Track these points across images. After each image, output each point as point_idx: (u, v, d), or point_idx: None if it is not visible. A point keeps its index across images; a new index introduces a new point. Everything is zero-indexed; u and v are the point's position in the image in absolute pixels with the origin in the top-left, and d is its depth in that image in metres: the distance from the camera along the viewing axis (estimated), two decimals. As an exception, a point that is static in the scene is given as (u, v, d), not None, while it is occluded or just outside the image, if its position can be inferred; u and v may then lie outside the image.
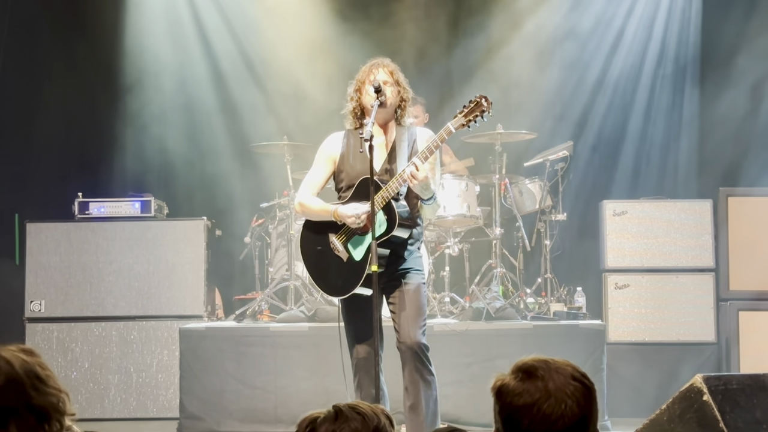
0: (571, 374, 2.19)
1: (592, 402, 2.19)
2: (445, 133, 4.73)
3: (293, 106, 8.33)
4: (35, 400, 2.24)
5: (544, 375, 2.18)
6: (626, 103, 8.40)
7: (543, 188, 7.58)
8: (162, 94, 8.39)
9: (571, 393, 2.16)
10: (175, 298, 7.28)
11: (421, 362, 4.79)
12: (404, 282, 4.87)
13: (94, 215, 7.43)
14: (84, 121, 8.47)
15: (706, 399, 3.61)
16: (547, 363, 2.21)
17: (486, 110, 4.74)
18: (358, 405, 2.17)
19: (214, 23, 8.55)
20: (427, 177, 4.65)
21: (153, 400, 7.16)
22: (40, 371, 2.29)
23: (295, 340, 6.81)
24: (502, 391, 2.21)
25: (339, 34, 8.28)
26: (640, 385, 6.91)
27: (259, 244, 7.89)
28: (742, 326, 7.04)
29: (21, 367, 2.26)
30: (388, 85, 4.88)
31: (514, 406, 2.17)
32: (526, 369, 2.21)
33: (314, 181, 5.04)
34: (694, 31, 8.28)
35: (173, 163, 8.44)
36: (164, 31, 8.47)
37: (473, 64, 8.48)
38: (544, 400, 2.14)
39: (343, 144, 5.01)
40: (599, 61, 8.38)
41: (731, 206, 7.18)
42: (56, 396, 2.29)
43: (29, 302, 7.29)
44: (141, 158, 8.47)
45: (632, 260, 7.28)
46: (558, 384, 2.16)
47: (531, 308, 7.28)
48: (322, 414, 2.17)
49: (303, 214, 5.08)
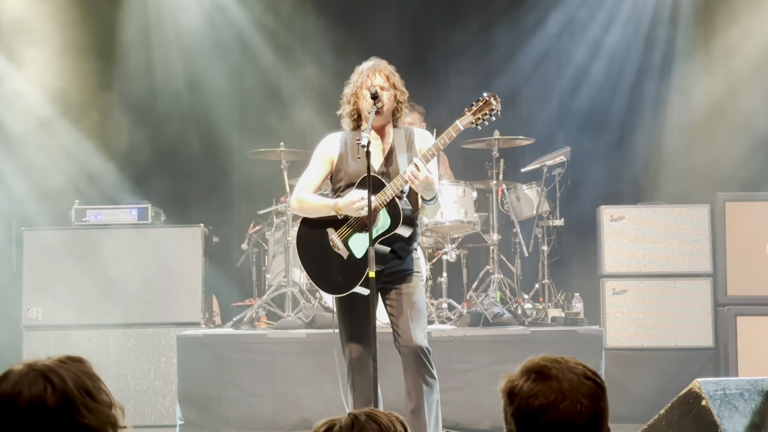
0: (584, 373, 2.18)
1: (605, 400, 2.18)
2: (453, 130, 4.68)
3: (290, 111, 8.33)
4: (87, 419, 2.06)
5: (558, 375, 2.16)
6: (623, 108, 8.40)
7: (540, 194, 7.59)
8: (159, 101, 8.39)
9: (585, 392, 2.14)
10: (172, 306, 7.26)
11: (424, 366, 4.77)
12: (403, 284, 4.84)
13: (92, 222, 7.42)
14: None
15: (705, 404, 3.61)
16: (559, 362, 2.19)
17: (495, 109, 4.71)
18: (375, 412, 2.16)
19: (211, 30, 8.56)
20: (429, 177, 4.62)
21: (151, 407, 7.14)
22: (91, 384, 2.11)
23: (292, 347, 6.80)
24: (516, 392, 2.18)
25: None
26: (638, 391, 6.90)
27: (256, 250, 7.89)
28: (740, 331, 7.03)
29: (73, 382, 2.07)
30: (385, 89, 4.86)
31: (530, 408, 2.14)
32: (538, 369, 2.18)
33: (311, 180, 4.98)
34: (691, 33, 8.29)
35: (170, 170, 8.44)
36: (161, 38, 8.47)
37: (469, 69, 8.48)
38: (560, 400, 2.12)
39: (341, 144, 4.98)
40: (597, 65, 8.37)
41: (729, 211, 7.18)
42: (107, 413, 2.11)
43: (27, 310, 7.27)
44: (138, 165, 8.46)
45: (630, 265, 7.28)
46: (572, 384, 2.14)
47: (529, 314, 7.27)
48: (338, 420, 2.15)
49: (301, 211, 5.00)
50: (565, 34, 8.51)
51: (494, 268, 7.43)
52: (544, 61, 8.56)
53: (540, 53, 8.55)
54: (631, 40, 8.46)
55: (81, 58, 8.33)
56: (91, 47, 8.44)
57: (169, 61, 8.47)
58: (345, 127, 5.02)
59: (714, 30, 8.23)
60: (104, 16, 8.48)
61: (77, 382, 2.08)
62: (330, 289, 4.95)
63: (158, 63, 8.44)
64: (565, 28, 8.51)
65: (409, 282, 4.85)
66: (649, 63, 8.46)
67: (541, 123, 8.34)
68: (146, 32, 8.44)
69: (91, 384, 2.11)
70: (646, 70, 8.46)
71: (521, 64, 8.55)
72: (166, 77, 8.45)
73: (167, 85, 8.44)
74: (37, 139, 8.17)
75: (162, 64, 8.45)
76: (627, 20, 8.43)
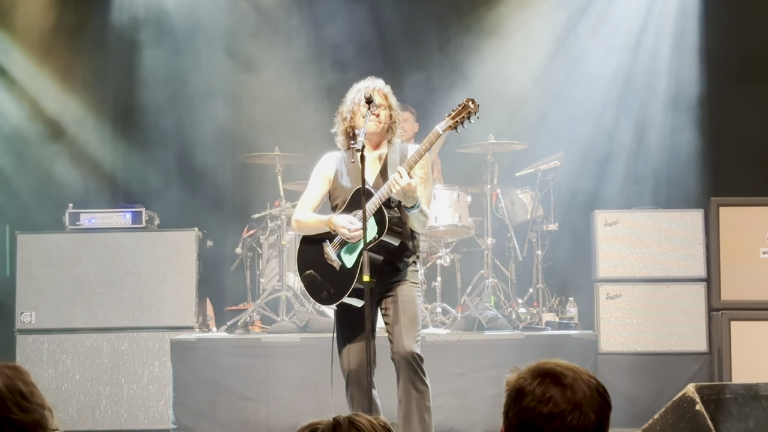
0: (596, 387, 2.12)
1: (609, 418, 2.13)
2: (433, 136, 4.76)
3: (285, 116, 8.33)
4: (18, 417, 2.31)
5: (572, 384, 2.09)
6: (617, 113, 8.40)
7: (534, 198, 7.60)
8: (154, 105, 8.38)
9: (595, 408, 2.09)
10: (166, 309, 7.25)
11: (415, 373, 4.79)
12: (398, 293, 4.88)
13: (85, 226, 7.41)
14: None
15: (699, 408, 3.62)
16: (574, 372, 2.13)
17: (473, 112, 4.76)
18: (358, 418, 2.15)
19: (207, 36, 8.55)
20: (410, 185, 4.66)
21: (144, 411, 7.12)
22: (24, 387, 2.36)
23: (287, 351, 6.81)
24: (525, 392, 2.11)
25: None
26: (633, 395, 6.89)
27: (250, 254, 7.88)
28: (734, 336, 7.03)
29: (4, 384, 2.33)
30: (382, 108, 4.93)
31: (537, 413, 2.08)
32: (554, 374, 2.12)
33: (310, 200, 5.09)
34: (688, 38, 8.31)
35: (164, 173, 8.43)
36: (157, 46, 8.47)
37: (464, 75, 8.48)
38: (570, 411, 2.07)
39: (337, 162, 5.07)
40: (592, 70, 8.38)
41: (723, 216, 7.18)
42: (39, 412, 2.36)
43: (20, 314, 7.25)
44: (132, 169, 8.45)
45: (624, 270, 7.28)
46: (585, 396, 2.09)
47: (523, 318, 7.27)
48: (321, 424, 2.14)
49: (300, 230, 5.15)
50: (559, 40, 8.50)
51: (488, 273, 7.43)
52: (538, 66, 8.54)
53: (533, 59, 8.54)
54: (627, 46, 8.45)
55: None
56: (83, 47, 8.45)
57: (163, 62, 8.45)
58: (339, 145, 5.08)
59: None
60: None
61: (8, 384, 2.35)
62: (323, 301, 5.01)
63: (152, 64, 8.42)
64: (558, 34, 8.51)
65: (404, 291, 4.89)
66: (644, 68, 8.46)
67: (535, 128, 8.33)
68: (137, 31, 8.41)
69: (24, 387, 2.37)
70: (643, 73, 8.46)
71: (515, 69, 8.54)
72: (160, 79, 8.43)
73: (161, 87, 8.42)
74: (33, 142, 8.18)
75: (156, 66, 8.43)
76: (619, 24, 8.44)
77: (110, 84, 8.50)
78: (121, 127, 8.49)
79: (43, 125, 8.30)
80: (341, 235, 4.83)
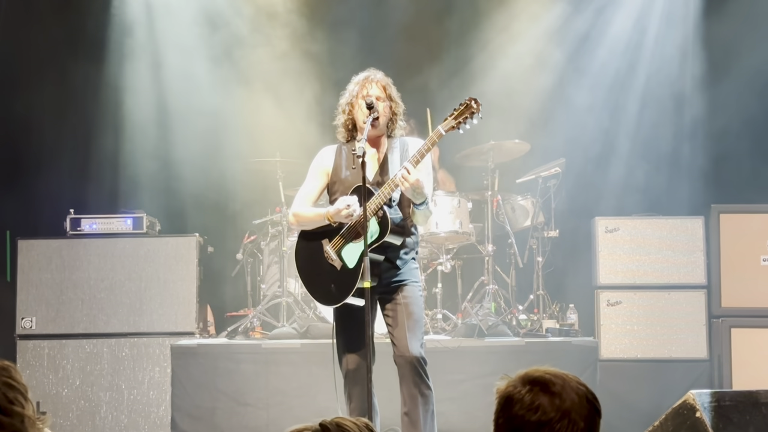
0: (585, 395, 2.12)
1: (598, 426, 2.13)
2: (435, 135, 4.71)
3: (286, 121, 8.33)
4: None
5: (561, 392, 2.09)
6: (618, 119, 8.41)
7: (535, 205, 7.60)
8: (154, 112, 8.39)
9: (584, 416, 2.09)
10: (166, 315, 7.25)
11: (420, 376, 4.77)
12: (401, 294, 4.85)
13: (86, 232, 7.41)
14: (75, 137, 8.47)
15: (699, 416, 3.61)
16: (564, 379, 2.12)
17: (476, 112, 4.71)
18: (343, 421, 2.16)
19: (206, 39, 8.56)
20: (419, 180, 4.64)
21: (144, 417, 7.12)
22: (8, 392, 2.29)
23: (287, 357, 6.80)
24: (514, 400, 2.12)
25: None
26: (633, 402, 6.89)
27: (251, 260, 7.88)
28: (734, 343, 7.03)
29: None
30: (381, 100, 4.89)
31: (526, 421, 2.08)
32: (542, 382, 2.11)
33: (308, 194, 5.03)
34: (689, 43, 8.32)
35: (165, 179, 8.43)
36: (155, 51, 8.48)
37: (464, 80, 8.50)
38: (558, 419, 2.06)
39: (336, 155, 5.02)
40: (591, 77, 8.39)
41: (723, 223, 7.18)
42: (19, 418, 2.29)
43: (20, 319, 7.25)
44: (133, 175, 8.46)
45: (624, 277, 7.27)
46: (574, 404, 2.08)
47: (523, 325, 7.28)
48: (308, 428, 2.16)
49: (298, 224, 5.05)
50: (560, 47, 8.51)
51: (489, 279, 7.43)
52: (540, 72, 8.55)
53: (534, 65, 8.55)
54: (627, 52, 8.47)
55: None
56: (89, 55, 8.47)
57: (166, 70, 8.47)
58: (339, 138, 5.05)
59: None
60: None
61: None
62: (325, 301, 4.97)
63: (155, 72, 8.43)
64: (560, 41, 8.52)
65: (406, 292, 4.86)
66: (645, 74, 8.47)
67: (537, 134, 8.33)
68: (142, 41, 8.44)
69: (9, 392, 2.29)
70: (643, 81, 8.47)
71: (516, 75, 8.55)
72: (162, 86, 8.44)
73: (163, 94, 8.43)
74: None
75: (158, 72, 8.44)
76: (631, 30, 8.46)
77: (110, 87, 8.50)
78: (122, 132, 8.48)
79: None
80: (343, 217, 4.73)
